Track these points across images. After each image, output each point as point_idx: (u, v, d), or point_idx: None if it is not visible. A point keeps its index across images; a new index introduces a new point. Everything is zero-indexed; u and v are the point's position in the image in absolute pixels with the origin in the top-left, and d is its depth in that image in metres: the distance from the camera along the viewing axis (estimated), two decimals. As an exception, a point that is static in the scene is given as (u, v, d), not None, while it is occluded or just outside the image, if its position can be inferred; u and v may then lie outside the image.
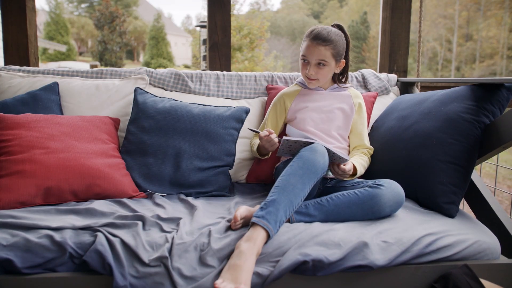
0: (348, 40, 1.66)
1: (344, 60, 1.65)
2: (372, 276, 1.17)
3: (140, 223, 1.23)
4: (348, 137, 1.73)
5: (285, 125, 1.79)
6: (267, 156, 1.74)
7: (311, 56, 1.59)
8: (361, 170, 1.57)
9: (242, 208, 1.27)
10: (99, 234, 1.15)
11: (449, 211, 1.38)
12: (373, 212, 1.30)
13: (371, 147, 1.71)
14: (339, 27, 1.66)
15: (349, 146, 1.72)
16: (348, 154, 1.71)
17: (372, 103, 1.90)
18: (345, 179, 1.53)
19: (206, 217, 1.33)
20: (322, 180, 1.57)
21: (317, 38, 1.56)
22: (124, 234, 1.17)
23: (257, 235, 1.13)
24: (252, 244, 1.11)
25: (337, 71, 1.67)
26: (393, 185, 1.33)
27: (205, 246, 1.15)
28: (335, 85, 1.74)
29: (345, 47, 1.65)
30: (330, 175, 1.58)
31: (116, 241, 1.13)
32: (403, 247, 1.17)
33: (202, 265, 1.11)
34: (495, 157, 1.91)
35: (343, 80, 1.75)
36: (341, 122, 1.68)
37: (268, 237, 1.15)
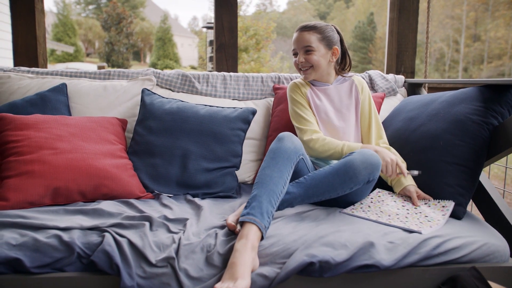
0: (341, 36, 1.69)
1: (336, 47, 1.65)
2: (379, 278, 1.16)
3: (147, 223, 1.24)
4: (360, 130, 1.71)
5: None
6: None
7: (298, 45, 1.63)
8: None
9: (231, 216, 1.28)
10: (106, 234, 1.16)
11: (457, 213, 1.37)
12: (350, 177, 1.30)
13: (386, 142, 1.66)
14: (332, 25, 1.70)
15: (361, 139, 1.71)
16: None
17: (379, 104, 1.89)
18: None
19: (213, 218, 1.34)
20: None
21: (301, 28, 1.64)
22: (131, 234, 1.18)
23: (247, 231, 1.14)
24: (244, 240, 1.12)
25: (332, 59, 1.66)
26: (364, 150, 1.35)
27: (211, 247, 1.16)
28: (339, 77, 1.73)
29: (338, 39, 1.67)
30: None
31: (123, 242, 1.14)
32: (409, 247, 1.17)
33: (208, 266, 1.12)
34: (504, 159, 1.90)
35: (345, 69, 1.73)
36: (353, 118, 1.67)
37: (260, 230, 1.16)
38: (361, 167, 1.30)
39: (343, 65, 1.73)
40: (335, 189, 1.32)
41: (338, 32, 1.69)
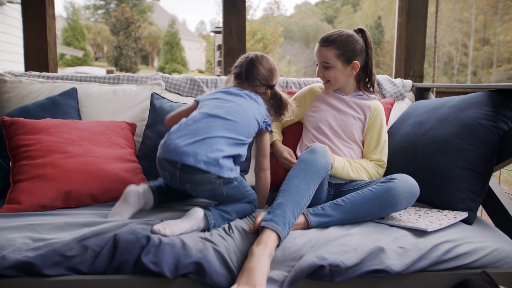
0: (368, 45, 1.61)
1: (356, 62, 1.59)
2: (389, 283, 1.16)
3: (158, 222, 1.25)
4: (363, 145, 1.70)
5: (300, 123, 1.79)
6: None
7: (317, 59, 1.64)
8: (342, 166, 1.52)
9: (263, 215, 1.27)
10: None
11: (467, 218, 1.36)
12: (390, 205, 1.31)
13: (382, 160, 1.63)
14: (360, 30, 1.64)
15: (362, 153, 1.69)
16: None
17: (389, 110, 1.87)
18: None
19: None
20: (333, 185, 1.58)
21: (321, 40, 1.62)
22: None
23: (267, 238, 1.14)
24: (263, 246, 1.12)
25: (352, 73, 1.62)
26: (406, 177, 1.34)
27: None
28: (360, 92, 1.68)
29: (362, 49, 1.60)
30: (334, 180, 1.58)
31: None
32: (420, 253, 1.17)
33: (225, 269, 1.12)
34: (513, 164, 1.88)
35: (370, 88, 1.68)
36: (355, 130, 1.65)
37: (279, 239, 1.16)
38: (403, 196, 1.30)
39: (367, 81, 1.67)
40: (372, 215, 1.33)
41: (366, 40, 1.61)
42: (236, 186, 1.30)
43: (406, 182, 1.32)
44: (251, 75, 1.50)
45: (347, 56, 1.58)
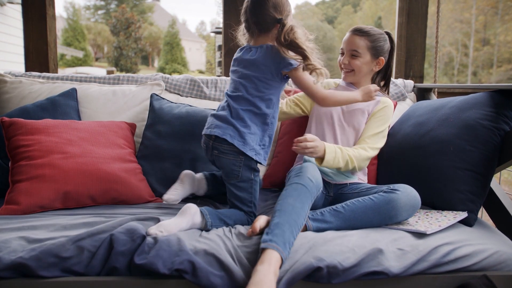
0: (392, 46, 1.68)
1: (383, 58, 1.64)
2: (388, 286, 1.15)
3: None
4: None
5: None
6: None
7: (346, 46, 1.64)
8: (333, 151, 1.48)
9: (262, 219, 1.27)
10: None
11: (468, 220, 1.35)
12: (390, 217, 1.30)
13: (375, 146, 1.60)
14: (387, 32, 1.68)
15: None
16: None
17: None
18: (313, 158, 1.49)
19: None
20: (332, 187, 1.57)
21: (354, 30, 1.64)
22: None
23: (270, 257, 1.10)
24: (267, 265, 1.08)
25: (376, 69, 1.65)
26: (408, 190, 1.33)
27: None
28: None
29: (388, 49, 1.66)
30: (333, 180, 1.57)
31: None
32: (419, 255, 1.16)
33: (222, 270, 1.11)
34: (514, 165, 1.87)
35: (383, 88, 1.72)
36: (359, 124, 1.65)
37: (281, 259, 1.12)
38: (404, 208, 1.30)
39: (383, 84, 1.72)
40: (372, 224, 1.31)
41: (392, 42, 1.68)
42: (251, 181, 1.39)
43: (408, 195, 1.31)
44: (258, 19, 1.39)
45: (376, 50, 1.62)
